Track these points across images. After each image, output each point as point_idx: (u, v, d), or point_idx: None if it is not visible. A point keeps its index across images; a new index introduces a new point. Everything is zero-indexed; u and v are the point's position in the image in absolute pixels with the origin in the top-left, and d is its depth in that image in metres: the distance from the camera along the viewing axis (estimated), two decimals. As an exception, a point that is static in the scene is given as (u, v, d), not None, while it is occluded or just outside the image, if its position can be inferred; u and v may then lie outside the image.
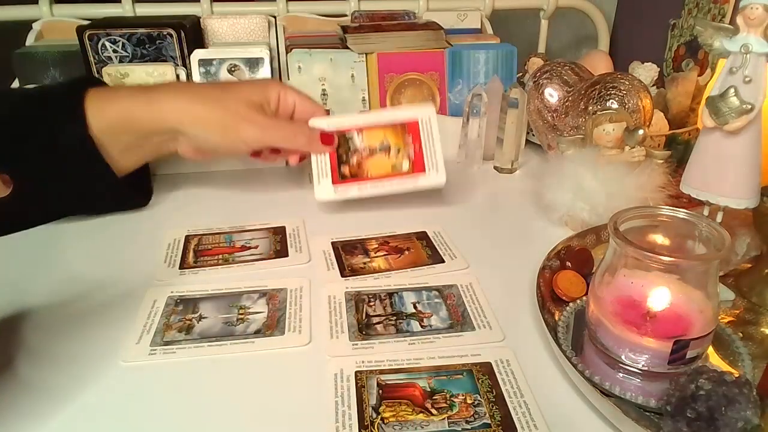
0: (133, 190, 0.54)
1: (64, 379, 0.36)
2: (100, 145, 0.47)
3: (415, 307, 0.43)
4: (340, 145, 0.56)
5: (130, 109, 0.47)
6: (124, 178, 0.50)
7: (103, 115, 0.46)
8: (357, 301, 0.44)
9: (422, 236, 0.53)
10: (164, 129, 0.49)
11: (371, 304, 0.44)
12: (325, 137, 0.54)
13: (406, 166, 0.56)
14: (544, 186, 0.54)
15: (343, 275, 0.47)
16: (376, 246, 0.52)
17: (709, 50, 0.42)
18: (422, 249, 0.51)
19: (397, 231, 0.54)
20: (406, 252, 0.51)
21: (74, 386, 0.36)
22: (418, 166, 0.56)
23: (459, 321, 0.42)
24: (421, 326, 0.41)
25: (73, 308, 0.43)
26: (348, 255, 0.50)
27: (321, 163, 0.56)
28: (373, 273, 0.48)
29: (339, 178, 0.55)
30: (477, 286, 0.46)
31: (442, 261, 0.49)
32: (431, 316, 0.42)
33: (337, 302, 0.44)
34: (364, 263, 0.49)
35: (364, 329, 0.41)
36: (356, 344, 0.39)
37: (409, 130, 0.57)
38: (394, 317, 0.42)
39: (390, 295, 0.45)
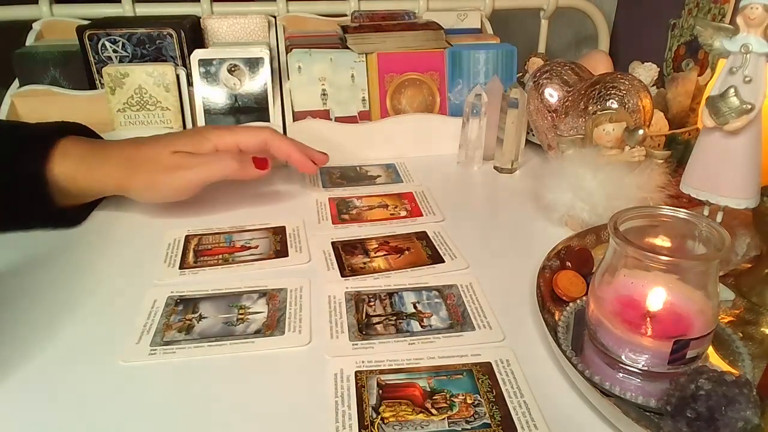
0: (67, 215, 0.55)
1: (63, 378, 0.36)
2: (56, 183, 0.50)
3: (415, 307, 0.43)
4: (339, 207, 0.58)
5: (74, 174, 0.50)
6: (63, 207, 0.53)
7: (60, 169, 0.50)
8: (357, 301, 0.44)
9: (422, 236, 0.53)
10: (107, 193, 0.54)
11: (371, 304, 0.44)
12: (259, 161, 0.55)
13: (403, 213, 0.58)
14: (544, 186, 0.54)
15: (343, 275, 0.47)
16: (376, 246, 0.52)
17: (709, 50, 0.42)
18: (422, 249, 0.51)
19: (397, 231, 0.54)
20: (406, 252, 0.51)
21: (73, 386, 0.36)
22: (415, 213, 0.58)
23: (459, 321, 0.42)
24: (421, 326, 0.41)
25: (72, 308, 0.43)
26: (348, 255, 0.50)
27: (322, 212, 0.58)
28: (373, 273, 0.48)
29: (339, 220, 0.57)
30: (477, 286, 0.46)
31: (442, 261, 0.49)
32: (431, 316, 0.42)
33: (337, 302, 0.44)
34: (364, 263, 0.49)
35: (364, 329, 0.41)
36: (356, 344, 0.39)
37: (404, 197, 0.61)
38: (394, 317, 0.42)
39: (390, 295, 0.45)
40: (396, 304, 0.43)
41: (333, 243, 0.52)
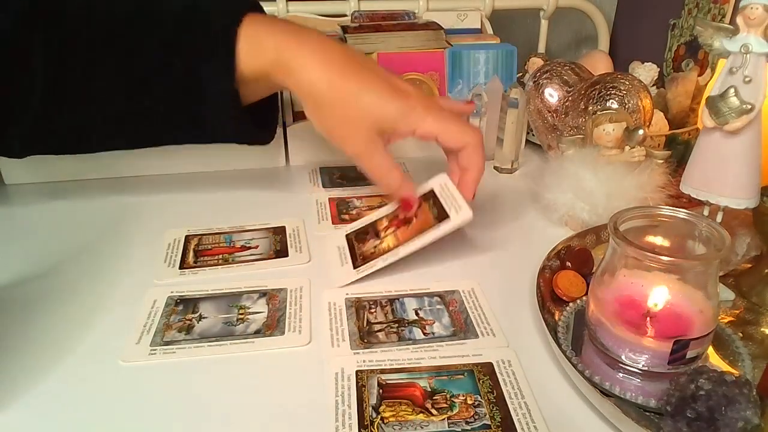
0: (257, 125, 0.53)
1: (63, 379, 0.36)
2: (239, 82, 0.47)
3: (416, 314, 0.43)
4: (339, 207, 0.58)
5: (270, 72, 0.47)
6: (251, 114, 0.51)
7: (249, 67, 0.47)
8: (357, 307, 0.43)
9: (429, 195, 0.51)
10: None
11: (372, 311, 0.43)
12: (406, 204, 0.50)
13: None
14: (544, 186, 0.54)
15: (355, 266, 0.47)
16: (386, 224, 0.51)
17: (709, 50, 0.42)
18: (429, 210, 0.49)
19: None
20: (414, 220, 0.49)
21: (73, 386, 0.36)
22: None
23: (462, 329, 0.41)
24: (424, 334, 0.41)
25: (72, 308, 0.43)
26: (360, 243, 0.50)
27: (322, 212, 0.58)
28: (383, 254, 0.47)
29: (339, 220, 0.56)
30: (479, 292, 0.45)
31: (447, 216, 0.47)
32: (433, 323, 0.42)
33: (337, 309, 0.43)
34: (375, 246, 0.49)
35: (365, 337, 0.40)
36: (358, 352, 0.39)
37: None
38: (396, 324, 0.42)
39: (391, 301, 0.44)
40: (397, 311, 0.43)
41: (347, 235, 0.52)
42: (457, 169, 0.51)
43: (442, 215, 0.48)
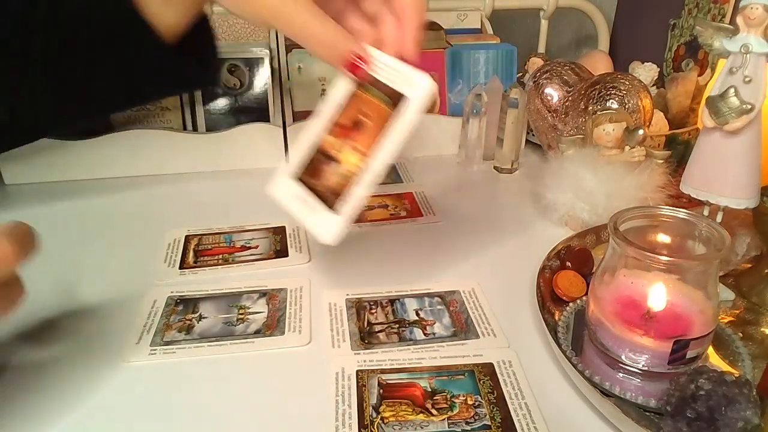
0: (190, 65, 0.45)
1: (63, 379, 0.36)
2: (139, 3, 0.40)
3: (417, 315, 0.43)
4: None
5: None
6: (178, 51, 0.43)
7: None
8: (358, 308, 0.43)
9: (369, 83, 0.39)
10: None
11: (373, 311, 0.43)
12: (353, 66, 0.38)
13: (403, 213, 0.57)
14: (544, 186, 0.54)
15: (332, 207, 0.38)
16: (333, 141, 0.39)
17: (709, 50, 0.42)
18: (374, 98, 0.38)
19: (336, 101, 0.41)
20: (363, 119, 0.38)
21: (74, 386, 0.36)
22: (415, 213, 0.56)
23: (463, 329, 0.41)
24: (425, 334, 0.41)
25: (72, 308, 0.43)
26: (316, 179, 0.40)
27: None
28: (355, 177, 0.37)
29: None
30: (479, 292, 0.45)
31: (402, 96, 0.37)
32: (434, 323, 0.42)
33: (337, 309, 0.43)
34: (339, 174, 0.38)
35: (366, 337, 0.40)
36: (359, 353, 0.39)
37: (404, 197, 0.49)
38: (397, 325, 0.41)
39: (392, 302, 0.44)
40: (398, 312, 0.43)
41: (300, 178, 0.41)
42: (390, 25, 0.39)
43: (395, 97, 0.37)
